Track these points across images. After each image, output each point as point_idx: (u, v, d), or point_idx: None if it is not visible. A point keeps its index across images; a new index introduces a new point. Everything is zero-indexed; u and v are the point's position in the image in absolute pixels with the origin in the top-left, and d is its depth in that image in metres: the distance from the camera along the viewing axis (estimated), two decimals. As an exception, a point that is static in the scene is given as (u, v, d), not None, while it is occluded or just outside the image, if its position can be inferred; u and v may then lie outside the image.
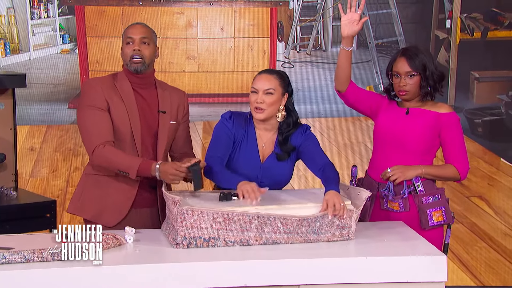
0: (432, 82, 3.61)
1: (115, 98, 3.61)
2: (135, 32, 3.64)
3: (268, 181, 3.57)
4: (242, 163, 3.61)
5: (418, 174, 3.61)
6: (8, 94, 4.76)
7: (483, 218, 6.30)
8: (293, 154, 3.66)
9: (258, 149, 3.64)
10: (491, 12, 8.90)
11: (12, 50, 6.93)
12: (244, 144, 3.63)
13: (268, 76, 3.59)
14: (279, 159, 3.63)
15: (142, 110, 3.66)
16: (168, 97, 3.73)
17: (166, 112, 3.69)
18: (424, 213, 3.60)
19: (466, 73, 8.90)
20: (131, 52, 3.61)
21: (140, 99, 3.67)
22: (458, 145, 3.64)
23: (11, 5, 6.96)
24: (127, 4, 8.06)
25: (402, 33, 9.42)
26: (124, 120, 3.60)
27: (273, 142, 3.66)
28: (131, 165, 3.48)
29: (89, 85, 3.66)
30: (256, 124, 3.65)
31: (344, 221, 3.30)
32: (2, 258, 2.98)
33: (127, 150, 3.61)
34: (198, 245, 3.18)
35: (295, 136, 3.66)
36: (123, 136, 3.61)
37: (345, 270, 3.11)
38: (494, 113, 8.62)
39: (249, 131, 3.64)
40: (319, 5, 9.49)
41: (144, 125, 3.65)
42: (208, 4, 8.67)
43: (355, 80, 3.80)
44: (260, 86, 3.56)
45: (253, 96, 3.57)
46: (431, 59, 3.65)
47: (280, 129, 3.65)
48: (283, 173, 3.65)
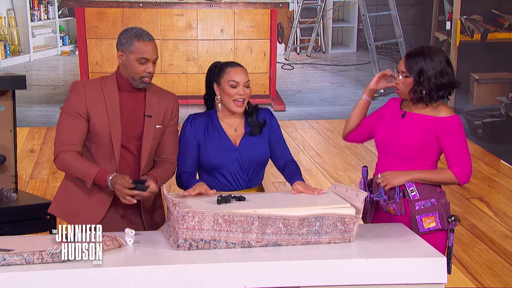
0: (426, 89, 3.56)
1: (98, 103, 3.60)
2: (151, 54, 3.59)
3: (249, 162, 3.69)
4: (216, 154, 3.68)
5: (409, 180, 3.57)
6: (8, 95, 4.76)
7: (483, 220, 6.30)
8: (265, 131, 3.75)
9: (228, 137, 3.71)
10: (490, 14, 8.91)
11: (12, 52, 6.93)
12: (212, 138, 3.70)
13: (243, 69, 3.70)
14: (253, 135, 3.72)
15: (127, 114, 3.64)
16: (156, 101, 3.71)
17: (152, 116, 3.68)
18: (414, 220, 3.58)
19: (466, 75, 8.91)
20: (145, 73, 3.59)
21: (127, 103, 3.64)
22: (457, 149, 3.58)
23: (11, 6, 6.97)
24: (127, 6, 8.07)
25: (402, 35, 9.44)
26: (104, 126, 3.59)
27: (243, 125, 3.75)
28: (88, 174, 3.51)
29: (75, 88, 3.65)
30: (222, 116, 3.74)
31: (347, 226, 3.30)
32: (2, 260, 2.98)
33: (105, 155, 3.61)
34: (200, 247, 3.17)
35: (259, 115, 3.78)
36: (102, 141, 3.61)
37: (346, 272, 3.10)
38: (494, 114, 8.64)
39: (215, 125, 3.73)
40: (319, 7, 9.50)
41: (128, 129, 3.64)
42: (208, 6, 8.67)
43: (355, 81, 3.80)
44: (240, 79, 3.64)
45: (233, 89, 3.65)
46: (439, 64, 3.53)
47: (246, 113, 3.75)
48: (260, 149, 3.73)
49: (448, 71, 3.55)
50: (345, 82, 9.27)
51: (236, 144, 3.71)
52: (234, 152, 3.69)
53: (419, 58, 3.54)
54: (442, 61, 3.55)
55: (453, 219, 3.59)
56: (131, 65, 3.58)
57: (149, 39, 3.59)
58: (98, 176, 3.49)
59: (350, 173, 7.60)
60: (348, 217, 3.29)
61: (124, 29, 3.68)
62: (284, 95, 9.02)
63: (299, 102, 9.01)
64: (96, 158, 3.63)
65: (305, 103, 8.94)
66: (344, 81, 9.28)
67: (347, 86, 9.25)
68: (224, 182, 3.70)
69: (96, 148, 3.62)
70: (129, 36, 3.59)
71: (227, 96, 3.65)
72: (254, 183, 3.76)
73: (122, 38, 3.61)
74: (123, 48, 3.59)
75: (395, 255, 3.19)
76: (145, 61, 3.56)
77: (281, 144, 3.80)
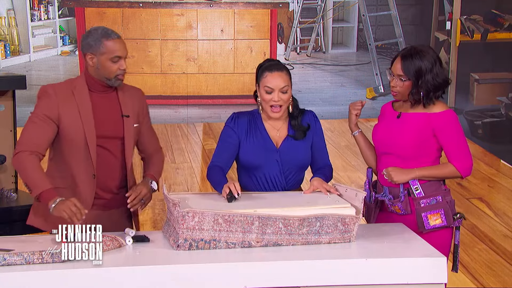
0: (424, 91, 3.56)
1: (71, 106, 3.57)
2: (123, 50, 3.58)
3: (289, 165, 3.63)
4: (256, 153, 3.63)
5: (412, 178, 3.57)
6: (8, 95, 4.77)
7: (483, 220, 6.30)
8: (309, 135, 3.69)
9: (270, 138, 3.65)
10: (491, 14, 8.91)
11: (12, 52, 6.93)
12: (253, 137, 3.64)
13: (280, 73, 3.60)
14: (296, 139, 3.65)
15: (102, 115, 3.62)
16: (130, 100, 3.70)
17: (129, 116, 3.68)
18: (420, 217, 3.58)
19: (466, 75, 8.91)
20: (119, 71, 3.57)
21: (100, 104, 3.63)
22: (455, 142, 3.59)
23: (11, 6, 6.96)
24: (127, 6, 8.07)
25: (402, 34, 9.43)
26: (78, 129, 3.56)
27: (286, 128, 3.68)
28: (38, 185, 3.41)
29: (45, 93, 3.59)
30: (265, 117, 3.68)
31: (348, 226, 3.30)
32: (2, 260, 2.98)
33: (80, 158, 3.58)
34: (200, 247, 3.18)
35: (304, 118, 3.71)
36: (76, 145, 3.57)
37: (346, 272, 3.10)
38: (494, 114, 8.63)
39: (257, 125, 3.67)
40: (319, 7, 9.49)
41: (105, 130, 3.62)
42: (208, 6, 8.67)
43: (355, 82, 3.81)
44: (276, 84, 3.57)
45: (268, 95, 3.58)
46: (434, 64, 3.55)
47: (290, 115, 3.69)
48: (301, 153, 3.67)
49: (442, 71, 3.58)
50: (345, 82, 9.27)
51: (278, 146, 3.65)
52: (274, 154, 3.63)
53: (414, 59, 3.53)
54: (436, 60, 3.56)
55: (458, 216, 3.60)
56: (104, 66, 3.55)
57: (117, 36, 3.58)
58: (44, 194, 3.38)
59: (350, 173, 7.60)
60: (348, 217, 3.30)
61: (86, 32, 3.64)
62: (284, 95, 8.99)
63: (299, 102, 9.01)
64: (70, 163, 3.58)
65: (305, 103, 8.91)
66: (344, 81, 9.28)
67: (347, 86, 9.24)
68: (262, 182, 3.65)
69: (70, 153, 3.57)
70: (96, 37, 3.55)
71: (263, 101, 3.62)
72: (293, 186, 3.69)
73: (89, 40, 3.56)
74: (92, 50, 3.54)
75: (395, 255, 3.19)
76: (117, 59, 3.54)
77: (323, 151, 3.73)
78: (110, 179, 3.66)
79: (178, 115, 8.67)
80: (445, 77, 3.59)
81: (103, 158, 3.62)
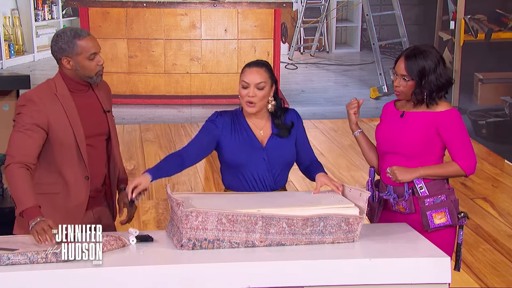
0: (427, 91, 3.57)
1: (57, 110, 3.55)
2: (96, 46, 3.57)
3: (275, 163, 3.63)
4: (242, 152, 3.62)
5: (417, 177, 3.58)
6: (12, 95, 4.78)
7: (487, 220, 6.30)
8: (292, 132, 3.70)
9: (255, 135, 3.66)
10: (495, 13, 8.90)
11: (16, 52, 6.94)
12: (238, 135, 3.64)
13: (258, 69, 3.60)
14: (281, 137, 3.66)
15: (85, 114, 3.61)
16: (104, 94, 3.72)
17: (110, 111, 3.70)
18: (424, 215, 3.59)
19: (470, 75, 8.91)
20: (98, 66, 3.56)
21: (83, 103, 3.62)
22: (459, 141, 3.59)
23: (15, 6, 6.98)
24: (131, 6, 8.08)
25: (406, 34, 9.43)
26: (67, 132, 3.55)
27: (270, 127, 3.68)
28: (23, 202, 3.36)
29: (30, 101, 3.54)
30: (247, 116, 3.68)
31: (351, 226, 3.30)
32: (7, 260, 2.99)
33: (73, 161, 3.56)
34: (203, 246, 3.18)
35: (287, 116, 3.72)
36: (66, 148, 3.56)
37: (349, 272, 3.11)
38: (498, 114, 8.62)
39: (241, 123, 3.67)
40: (323, 6, 9.50)
41: (92, 128, 3.62)
42: (212, 6, 8.68)
43: (359, 81, 3.81)
44: (251, 80, 3.58)
45: (244, 90, 3.59)
46: (438, 65, 3.55)
47: (273, 114, 3.69)
48: (286, 150, 3.67)
49: (445, 71, 3.58)
50: (349, 82, 9.27)
51: (263, 144, 3.65)
52: (261, 152, 3.63)
53: (418, 59, 3.54)
54: (439, 61, 3.57)
55: (462, 216, 3.61)
56: (83, 66, 3.54)
57: (87, 34, 3.58)
58: (28, 211, 3.33)
59: (354, 173, 7.59)
60: (352, 217, 3.30)
61: (54, 36, 3.61)
62: (287, 95, 9.02)
63: (303, 101, 9.01)
64: (62, 168, 3.56)
65: (308, 102, 8.94)
66: (348, 81, 9.28)
67: (350, 85, 9.24)
68: (250, 181, 3.63)
69: (61, 157, 3.55)
70: (68, 39, 3.53)
71: (240, 97, 3.63)
72: (279, 184, 3.69)
73: (61, 44, 3.53)
74: (66, 53, 3.52)
75: (399, 255, 3.19)
76: (94, 56, 3.54)
77: (307, 146, 3.75)
78: (97, 177, 3.67)
79: (182, 115, 8.68)
80: (448, 78, 3.59)
81: (93, 157, 3.62)
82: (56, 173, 3.58)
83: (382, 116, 3.79)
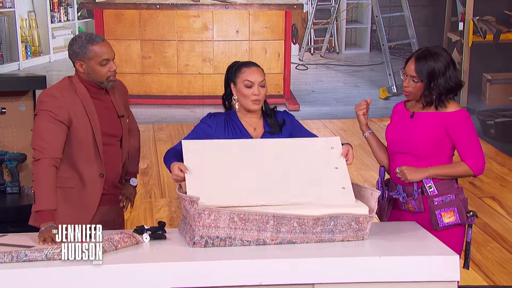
0: (437, 93, 3.59)
1: (78, 107, 3.61)
2: (110, 53, 3.62)
3: None
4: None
5: (426, 177, 3.60)
6: (28, 95, 4.83)
7: (495, 218, 6.31)
8: (284, 130, 3.77)
9: (249, 133, 3.75)
10: (503, 14, 8.89)
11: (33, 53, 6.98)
12: (232, 133, 3.73)
13: (257, 68, 3.76)
14: (273, 133, 3.74)
15: (102, 115, 3.68)
16: (120, 98, 3.78)
17: (124, 116, 3.75)
18: (434, 214, 3.61)
19: (479, 75, 8.89)
20: (110, 72, 3.62)
21: (99, 105, 3.68)
22: (468, 141, 3.61)
23: (32, 8, 7.02)
24: (144, 8, 8.12)
25: (415, 35, 9.41)
26: (87, 129, 3.62)
27: (262, 125, 3.79)
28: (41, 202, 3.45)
29: (52, 96, 3.60)
30: (241, 116, 3.77)
31: (361, 225, 3.34)
32: (24, 256, 3.04)
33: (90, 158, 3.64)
34: (215, 244, 3.22)
35: (277, 116, 3.82)
36: (85, 145, 3.63)
37: (359, 270, 3.14)
38: (506, 114, 8.62)
39: (234, 122, 3.76)
40: (333, 8, 9.50)
41: (109, 129, 3.70)
42: (224, 8, 8.71)
43: (369, 82, 3.86)
44: (255, 78, 3.70)
45: (249, 89, 3.70)
46: (448, 68, 3.57)
47: (264, 112, 3.80)
48: None
49: (455, 74, 3.60)
50: (359, 82, 9.27)
51: None
52: None
53: (428, 62, 3.55)
54: (449, 63, 3.58)
55: (471, 214, 3.63)
56: (94, 70, 3.60)
57: (102, 39, 3.62)
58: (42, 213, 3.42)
59: (364, 172, 7.61)
60: (362, 216, 3.34)
61: (71, 40, 3.67)
62: (298, 95, 9.03)
63: (313, 102, 9.02)
64: (79, 164, 3.64)
65: (319, 103, 8.95)
66: (358, 81, 9.28)
67: (360, 86, 9.25)
68: None
69: (79, 154, 3.64)
70: (81, 44, 3.59)
71: (243, 97, 3.71)
72: None
73: (75, 48, 3.60)
74: (80, 57, 3.60)
75: (408, 253, 3.23)
76: (106, 62, 3.60)
77: (306, 131, 3.80)
78: (115, 174, 3.74)
79: (194, 115, 8.68)
80: (458, 81, 3.60)
81: (109, 155, 3.69)
82: (73, 168, 3.63)
83: (392, 117, 3.82)
